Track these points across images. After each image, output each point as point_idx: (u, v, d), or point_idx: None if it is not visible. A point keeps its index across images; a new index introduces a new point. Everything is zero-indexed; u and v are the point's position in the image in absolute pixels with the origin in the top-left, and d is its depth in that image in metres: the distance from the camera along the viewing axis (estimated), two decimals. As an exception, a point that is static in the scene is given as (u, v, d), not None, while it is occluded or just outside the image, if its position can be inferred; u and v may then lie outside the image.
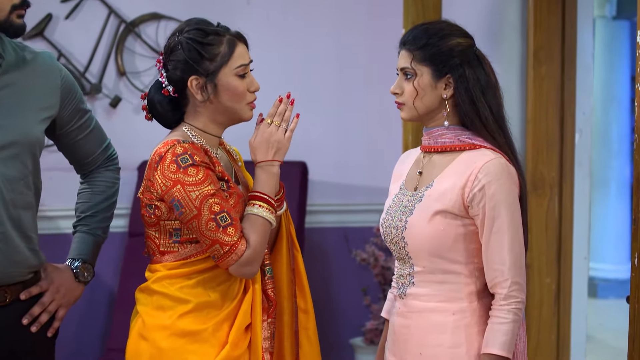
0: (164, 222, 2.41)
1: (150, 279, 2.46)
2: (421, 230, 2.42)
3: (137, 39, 4.70)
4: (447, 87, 2.44)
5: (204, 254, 2.42)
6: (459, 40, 2.46)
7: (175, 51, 2.44)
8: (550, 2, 4.33)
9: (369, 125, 4.94)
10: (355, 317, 4.89)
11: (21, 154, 2.45)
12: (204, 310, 2.41)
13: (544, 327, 4.38)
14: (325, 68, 4.85)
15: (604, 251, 8.10)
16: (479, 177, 2.36)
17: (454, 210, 2.39)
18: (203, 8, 4.77)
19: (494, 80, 2.47)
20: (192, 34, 2.43)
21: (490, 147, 2.42)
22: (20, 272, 2.48)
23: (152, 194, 2.39)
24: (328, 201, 4.94)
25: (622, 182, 8.16)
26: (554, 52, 4.34)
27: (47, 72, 2.54)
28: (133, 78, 4.70)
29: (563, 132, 4.39)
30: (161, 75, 2.46)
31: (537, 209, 4.34)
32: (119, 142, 4.70)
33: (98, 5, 4.64)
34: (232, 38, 2.46)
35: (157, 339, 2.40)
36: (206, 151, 2.42)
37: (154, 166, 2.38)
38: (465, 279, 2.42)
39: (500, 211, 2.35)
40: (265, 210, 2.43)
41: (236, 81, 2.44)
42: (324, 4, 4.87)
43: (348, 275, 4.93)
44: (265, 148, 2.48)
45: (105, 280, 4.60)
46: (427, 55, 2.45)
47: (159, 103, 2.48)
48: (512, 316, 2.36)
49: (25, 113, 2.46)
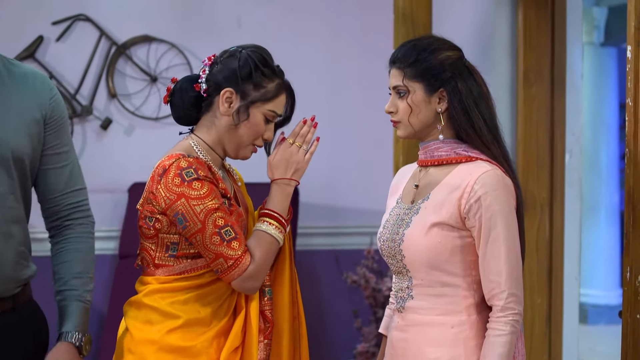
0: (162, 235, 2.39)
1: (142, 291, 2.43)
2: (418, 243, 2.42)
3: (128, 61, 4.71)
4: (441, 101, 2.45)
5: (197, 271, 2.40)
6: (448, 54, 2.47)
7: (231, 58, 2.44)
8: (539, 23, 4.35)
9: (359, 147, 4.95)
10: (347, 339, 4.87)
11: (8, 168, 2.42)
12: (193, 327, 2.38)
13: (535, 346, 4.37)
14: (315, 90, 4.87)
15: (594, 277, 8.09)
16: (475, 189, 2.36)
17: (451, 222, 2.39)
18: (195, 31, 4.80)
19: (485, 91, 2.48)
20: (255, 55, 2.44)
21: (487, 159, 2.43)
22: (8, 287, 2.45)
23: (153, 207, 2.37)
24: (318, 223, 4.94)
25: (611, 208, 8.16)
26: (543, 73, 4.36)
27: (37, 88, 2.51)
28: (124, 100, 4.70)
29: (553, 152, 4.40)
30: (203, 71, 2.45)
31: (528, 228, 4.34)
32: (110, 164, 4.76)
33: (89, 27, 4.66)
34: (283, 85, 2.48)
35: (144, 353, 2.37)
36: (209, 167, 2.41)
37: (157, 179, 2.35)
38: (463, 291, 2.41)
39: (497, 222, 2.35)
40: (274, 229, 2.43)
41: (262, 121, 2.45)
42: (314, 26, 4.90)
43: (339, 298, 4.92)
44: (284, 166, 2.48)
45: (95, 302, 4.56)
46: (418, 71, 2.45)
47: (184, 91, 2.46)
48: (509, 328, 2.34)
49: (10, 127, 2.43)
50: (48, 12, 4.62)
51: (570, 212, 4.44)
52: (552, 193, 4.40)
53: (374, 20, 4.87)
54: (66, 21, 4.62)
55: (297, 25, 4.89)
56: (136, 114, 4.69)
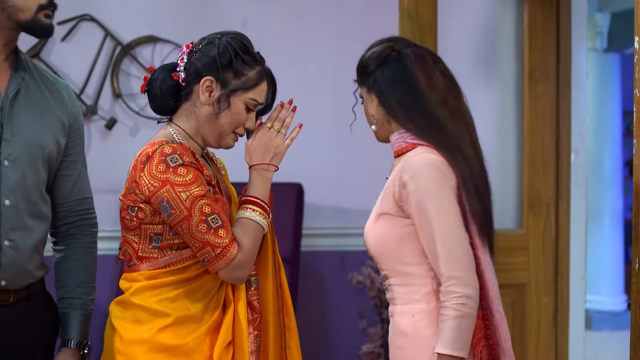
0: (145, 226, 2.34)
1: (129, 290, 2.37)
2: (370, 234, 2.44)
3: (133, 61, 4.70)
4: (375, 95, 2.48)
5: (183, 263, 2.35)
6: (374, 49, 2.49)
7: (210, 46, 2.39)
8: (545, 22, 4.36)
9: (365, 147, 4.92)
10: (352, 340, 4.85)
11: (37, 165, 2.44)
12: (184, 324, 2.33)
13: (542, 346, 4.35)
14: (322, 89, 4.86)
15: (599, 283, 8.07)
16: (402, 176, 2.35)
17: (391, 211, 2.39)
18: (200, 31, 4.74)
19: (416, 74, 2.43)
20: (235, 42, 2.38)
21: (426, 143, 2.40)
22: (24, 279, 2.46)
23: (136, 196, 2.31)
24: (324, 224, 4.92)
25: (615, 214, 8.16)
26: (549, 72, 4.36)
27: (66, 96, 2.55)
28: (129, 100, 4.70)
29: (559, 151, 4.40)
30: (181, 60, 2.41)
31: (534, 227, 4.34)
32: (114, 164, 4.73)
33: (94, 27, 4.65)
34: (264, 72, 2.43)
35: (135, 354, 2.32)
36: (194, 154, 2.36)
37: (140, 167, 2.30)
38: (419, 279, 2.39)
39: (425, 205, 2.31)
40: (258, 215, 2.37)
41: (243, 110, 2.40)
42: (320, 26, 4.90)
43: (344, 299, 4.90)
44: (262, 151, 2.43)
45: (99, 302, 4.54)
46: (358, 78, 2.53)
47: (162, 81, 2.42)
48: (452, 312, 2.28)
49: (43, 127, 2.46)
50: (53, 12, 4.62)
51: (576, 210, 4.43)
52: (557, 192, 4.39)
53: (379, 20, 4.87)
54: (71, 21, 4.61)
55: (303, 25, 4.89)
56: (141, 114, 4.68)
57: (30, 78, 2.47)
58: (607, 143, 8.00)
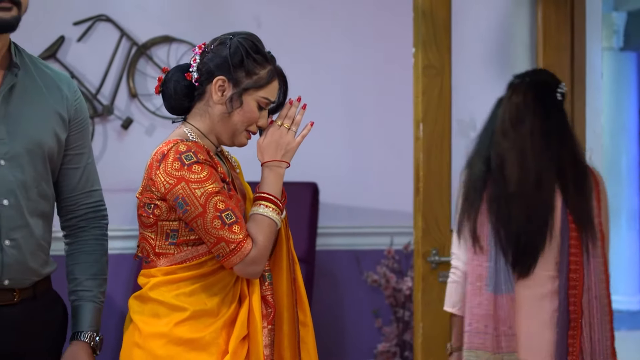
0: (162, 223, 2.37)
1: (146, 285, 2.40)
2: None
3: (148, 61, 4.73)
4: None
5: (199, 259, 2.38)
6: None
7: (222, 46, 2.42)
8: (559, 21, 4.35)
9: (379, 147, 4.95)
10: (367, 339, 4.86)
11: (35, 161, 2.44)
12: (200, 318, 2.36)
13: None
14: (335, 89, 4.88)
15: (615, 282, 8.01)
16: None
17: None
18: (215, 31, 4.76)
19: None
20: (246, 42, 2.42)
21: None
22: (30, 279, 2.46)
23: (152, 194, 2.35)
24: (339, 223, 4.94)
25: (632, 213, 8.14)
26: (563, 71, 4.34)
27: (66, 89, 2.53)
28: (144, 100, 4.72)
29: (574, 150, 4.37)
30: (194, 60, 2.44)
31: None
32: (130, 164, 4.76)
33: (110, 28, 4.68)
34: (274, 71, 2.46)
35: (153, 348, 2.34)
36: (208, 152, 2.39)
37: (156, 165, 2.34)
38: None
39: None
40: (271, 211, 2.40)
41: (255, 108, 2.43)
42: (334, 26, 4.91)
43: (359, 298, 4.91)
44: (274, 148, 2.46)
45: (117, 301, 4.58)
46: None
47: (175, 82, 2.45)
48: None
49: (39, 123, 2.45)
50: (69, 12, 4.65)
51: (591, 210, 4.41)
52: (573, 191, 4.37)
53: (393, 19, 4.88)
54: (87, 21, 4.65)
55: (316, 25, 4.91)
56: (157, 114, 4.70)
57: (26, 75, 2.45)
58: (622, 142, 7.99)
